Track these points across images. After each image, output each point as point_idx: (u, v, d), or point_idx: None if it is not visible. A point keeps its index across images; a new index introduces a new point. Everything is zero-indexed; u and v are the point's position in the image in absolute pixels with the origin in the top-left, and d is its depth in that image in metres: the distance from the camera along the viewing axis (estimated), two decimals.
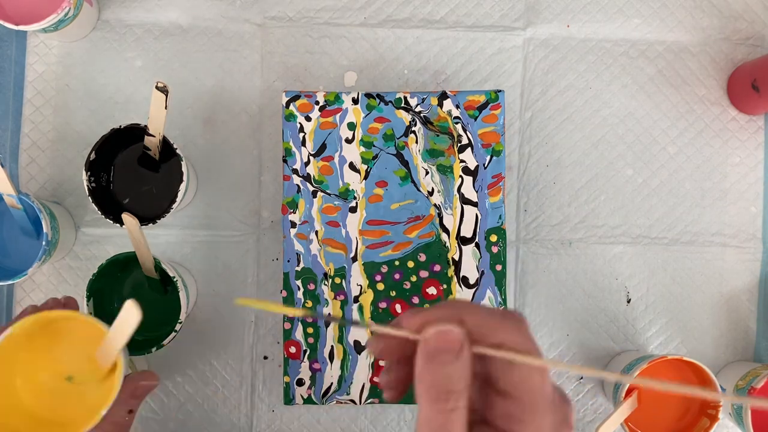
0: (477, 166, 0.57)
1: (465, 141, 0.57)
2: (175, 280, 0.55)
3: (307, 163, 0.57)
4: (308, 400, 0.57)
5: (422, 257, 0.57)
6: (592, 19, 0.64)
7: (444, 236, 0.57)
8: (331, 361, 0.57)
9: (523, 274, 0.63)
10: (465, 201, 0.57)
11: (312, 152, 0.57)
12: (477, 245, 0.57)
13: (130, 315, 0.41)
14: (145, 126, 0.55)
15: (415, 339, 0.30)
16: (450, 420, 0.30)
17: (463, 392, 0.30)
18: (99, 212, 0.55)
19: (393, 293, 0.57)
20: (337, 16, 0.63)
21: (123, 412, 0.48)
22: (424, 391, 0.30)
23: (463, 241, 0.57)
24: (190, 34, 0.63)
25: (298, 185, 0.57)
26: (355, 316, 0.57)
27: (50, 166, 0.63)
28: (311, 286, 0.57)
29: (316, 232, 0.57)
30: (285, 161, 0.57)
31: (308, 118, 0.57)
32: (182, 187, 0.55)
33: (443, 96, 0.57)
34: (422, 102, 0.57)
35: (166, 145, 0.56)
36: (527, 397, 0.29)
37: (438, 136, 0.57)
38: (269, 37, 0.63)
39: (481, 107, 0.57)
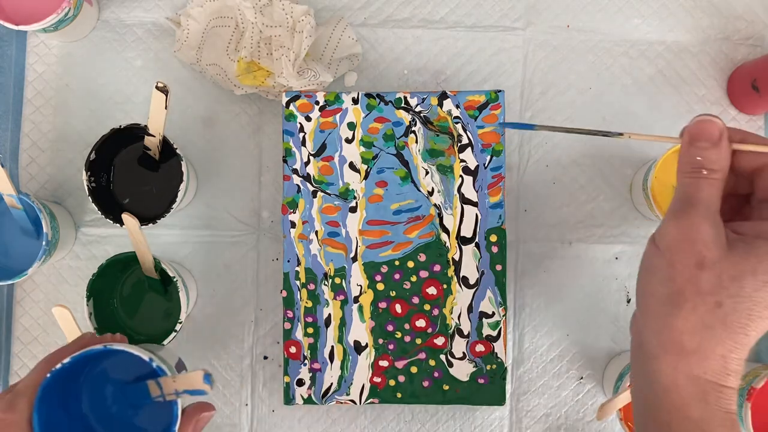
0: (477, 166, 0.57)
1: (465, 141, 0.57)
2: (175, 280, 0.55)
3: (307, 163, 0.57)
4: (308, 401, 0.57)
5: (422, 257, 0.57)
6: (592, 19, 0.64)
7: (444, 236, 0.57)
8: (331, 362, 0.57)
9: (523, 274, 0.63)
10: (465, 201, 0.57)
11: (312, 152, 0.57)
12: (477, 245, 0.57)
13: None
14: (145, 126, 0.55)
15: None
16: (699, 184, 0.34)
17: (717, 173, 0.34)
18: (99, 212, 0.55)
19: (393, 293, 0.57)
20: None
21: None
22: (680, 169, 0.35)
23: (463, 241, 0.57)
24: None
25: (298, 185, 0.57)
26: (355, 315, 0.57)
27: (50, 166, 0.63)
28: (311, 286, 0.57)
29: (316, 232, 0.57)
30: (285, 161, 0.57)
31: (308, 118, 0.57)
32: (182, 187, 0.55)
33: (443, 96, 0.57)
34: (422, 102, 0.57)
35: (166, 145, 0.56)
36: None
37: (438, 136, 0.57)
38: None
39: (481, 107, 0.57)
